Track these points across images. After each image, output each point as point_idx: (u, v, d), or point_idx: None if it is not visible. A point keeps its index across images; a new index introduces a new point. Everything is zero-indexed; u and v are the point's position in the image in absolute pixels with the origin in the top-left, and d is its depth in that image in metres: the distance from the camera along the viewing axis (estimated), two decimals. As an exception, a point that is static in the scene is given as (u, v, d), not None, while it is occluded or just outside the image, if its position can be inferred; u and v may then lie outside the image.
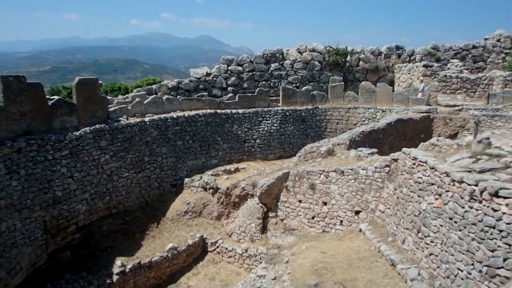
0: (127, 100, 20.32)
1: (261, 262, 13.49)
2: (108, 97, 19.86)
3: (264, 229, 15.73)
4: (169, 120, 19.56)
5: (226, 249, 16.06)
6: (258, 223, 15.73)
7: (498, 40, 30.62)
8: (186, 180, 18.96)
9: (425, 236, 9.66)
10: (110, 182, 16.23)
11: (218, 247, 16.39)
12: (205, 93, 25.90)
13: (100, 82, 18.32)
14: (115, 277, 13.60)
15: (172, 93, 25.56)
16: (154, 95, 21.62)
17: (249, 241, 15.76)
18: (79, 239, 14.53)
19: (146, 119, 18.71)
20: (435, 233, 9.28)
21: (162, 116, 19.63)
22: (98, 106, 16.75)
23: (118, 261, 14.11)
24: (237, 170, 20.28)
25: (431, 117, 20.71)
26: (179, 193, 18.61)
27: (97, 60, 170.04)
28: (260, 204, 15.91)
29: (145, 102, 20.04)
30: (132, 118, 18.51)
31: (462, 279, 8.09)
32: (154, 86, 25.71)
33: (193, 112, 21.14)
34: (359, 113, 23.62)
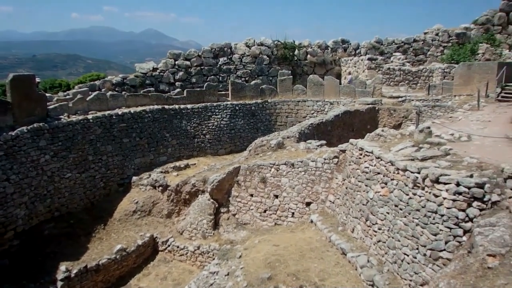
0: (68, 97, 19.55)
1: (214, 259, 13.30)
2: (48, 94, 18.88)
3: (216, 225, 15.53)
4: (114, 117, 18.84)
5: (178, 247, 15.70)
6: (210, 219, 15.49)
7: (437, 34, 32.43)
8: (134, 178, 18.30)
9: (373, 224, 9.93)
10: (51, 184, 15.40)
11: (169, 245, 15.97)
12: (152, 89, 25.15)
13: (37, 78, 17.24)
14: (59, 284, 12.87)
15: (117, 89, 24.60)
16: (98, 91, 20.91)
17: (201, 237, 15.50)
18: (18, 245, 13.60)
19: (89, 116, 18.01)
20: (382, 220, 9.56)
21: (106, 113, 18.93)
22: (36, 104, 15.99)
23: (63, 267, 13.35)
24: (187, 166, 19.86)
25: (377, 108, 21.47)
26: (127, 192, 17.96)
27: (35, 55, 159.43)
28: (212, 200, 15.67)
29: (87, 98, 19.31)
30: (74, 116, 17.74)
31: (408, 263, 8.39)
32: (97, 82, 24.63)
33: (139, 108, 20.53)
34: (308, 106, 24.01)
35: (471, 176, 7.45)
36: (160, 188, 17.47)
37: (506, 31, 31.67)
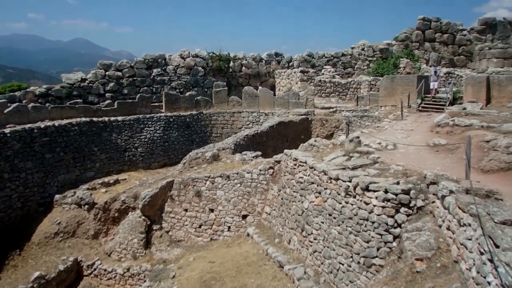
0: (-18, 109, 17.63)
1: (145, 281, 12.51)
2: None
3: (148, 244, 14.66)
4: (35, 131, 17.39)
5: (105, 270, 14.57)
6: (141, 238, 14.61)
7: (363, 49, 34.58)
8: (57, 196, 16.85)
9: (309, 234, 9.90)
10: (-44, 206, 13.62)
11: (95, 269, 14.78)
12: (80, 100, 23.58)
13: None
14: (-37, 322, 11.26)
15: (40, 101, 22.78)
16: (18, 103, 19.34)
17: (132, 258, 14.52)
18: None
19: (7, 130, 16.52)
20: (317, 230, 9.56)
21: (27, 126, 17.48)
22: None
23: (-33, 301, 11.75)
24: (117, 182, 18.71)
25: (310, 119, 21.98)
26: (48, 212, 16.47)
27: None
28: (143, 217, 14.83)
29: (5, 111, 17.85)
30: (-12, 130, 16.05)
31: (344, 272, 8.41)
32: (18, 93, 22.64)
33: (65, 121, 19.16)
34: (243, 117, 24.00)
35: (398, 183, 7.68)
36: (86, 206, 16.20)
37: (423, 47, 34.53)
